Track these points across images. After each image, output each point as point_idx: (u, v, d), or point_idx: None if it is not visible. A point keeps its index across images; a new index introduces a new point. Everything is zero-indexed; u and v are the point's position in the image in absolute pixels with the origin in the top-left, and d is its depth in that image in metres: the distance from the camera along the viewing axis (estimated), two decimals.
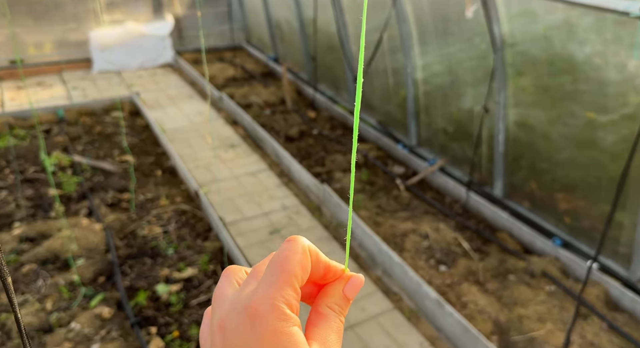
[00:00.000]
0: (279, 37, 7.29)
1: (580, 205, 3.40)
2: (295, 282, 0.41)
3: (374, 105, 5.72)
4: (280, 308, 0.39)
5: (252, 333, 0.39)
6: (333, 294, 0.45)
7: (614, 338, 2.66)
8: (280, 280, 0.40)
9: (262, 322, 0.39)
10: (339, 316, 0.44)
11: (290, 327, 0.39)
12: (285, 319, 0.39)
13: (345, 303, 0.45)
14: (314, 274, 0.44)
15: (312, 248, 0.44)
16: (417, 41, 4.47)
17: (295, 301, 0.41)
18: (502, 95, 3.65)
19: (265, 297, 0.40)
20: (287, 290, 0.40)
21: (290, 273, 0.41)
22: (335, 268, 0.46)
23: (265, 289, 0.40)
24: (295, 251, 0.42)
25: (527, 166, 3.80)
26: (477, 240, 3.75)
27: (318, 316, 0.44)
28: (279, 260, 0.42)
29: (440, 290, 3.10)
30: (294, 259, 0.42)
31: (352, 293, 0.46)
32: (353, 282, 0.46)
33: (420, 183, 4.61)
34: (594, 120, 3.02)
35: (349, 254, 0.49)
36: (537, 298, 2.94)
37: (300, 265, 0.42)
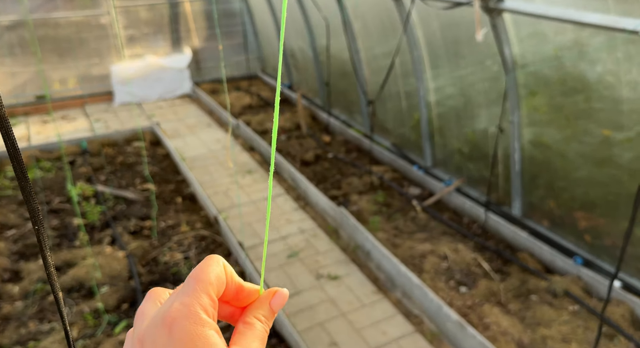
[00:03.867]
0: (293, 65, 7.49)
1: (600, 223, 3.37)
2: (211, 290, 0.43)
3: (388, 128, 5.78)
4: (196, 313, 0.41)
5: (169, 340, 0.40)
6: (260, 307, 0.48)
7: None
8: (196, 288, 0.42)
9: (178, 328, 0.40)
10: (265, 326, 0.47)
11: (207, 330, 0.41)
12: (202, 323, 0.41)
13: (271, 315, 0.49)
14: (227, 292, 0.47)
15: (228, 265, 0.47)
16: (429, 65, 4.56)
17: (212, 308, 0.43)
18: (516, 115, 3.68)
19: (182, 305, 0.41)
20: (202, 296, 0.42)
21: (205, 282, 0.43)
22: (250, 289, 0.49)
23: (181, 298, 0.42)
24: (210, 263, 0.45)
25: (544, 185, 3.79)
26: (497, 260, 3.72)
27: (245, 325, 0.46)
28: (195, 271, 0.44)
29: (461, 312, 3.07)
30: (209, 269, 0.44)
31: (278, 306, 0.49)
32: (279, 296, 0.50)
33: (437, 204, 4.61)
34: (610, 138, 3.02)
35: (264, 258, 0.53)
36: (560, 318, 2.89)
37: (215, 274, 0.44)
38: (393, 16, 4.56)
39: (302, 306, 3.18)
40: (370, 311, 3.16)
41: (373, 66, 5.48)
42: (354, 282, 3.46)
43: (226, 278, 0.46)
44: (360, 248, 3.84)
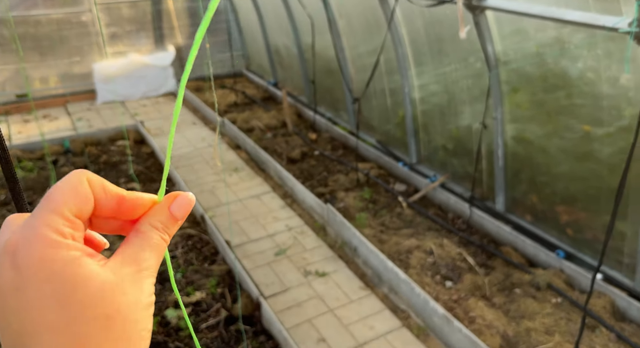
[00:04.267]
0: (278, 63, 7.47)
1: (582, 217, 3.44)
2: (65, 209, 0.35)
3: (373, 125, 5.81)
4: (45, 236, 0.33)
5: (14, 272, 0.32)
6: (157, 213, 0.40)
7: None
8: (44, 209, 0.35)
9: (22, 254, 0.33)
10: (162, 234, 0.39)
11: (65, 252, 0.33)
12: (54, 245, 0.33)
13: (171, 223, 0.40)
14: (104, 206, 0.39)
15: (96, 177, 0.39)
16: (413, 62, 4.59)
17: (69, 228, 0.35)
18: (499, 111, 3.74)
19: (26, 230, 0.34)
20: (52, 217, 0.34)
21: (57, 201, 0.35)
22: (137, 198, 0.41)
23: (26, 222, 0.35)
24: (66, 180, 0.37)
25: (527, 180, 3.85)
26: (482, 255, 3.77)
27: (134, 234, 0.39)
28: (47, 192, 0.36)
29: (447, 306, 3.11)
30: (62, 187, 0.36)
31: (180, 211, 0.41)
32: (181, 199, 0.41)
33: (423, 200, 4.65)
34: (591, 133, 3.09)
35: (165, 182, 0.43)
36: (544, 311, 2.95)
37: (71, 192, 0.36)
38: (377, 14, 4.58)
39: (291, 303, 3.19)
40: (358, 307, 3.18)
41: (358, 64, 5.50)
42: (342, 278, 3.48)
43: (94, 191, 0.38)
44: (347, 245, 3.86)
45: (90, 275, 0.33)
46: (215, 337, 2.82)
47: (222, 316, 2.94)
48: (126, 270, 0.35)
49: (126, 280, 0.35)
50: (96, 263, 0.34)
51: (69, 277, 0.32)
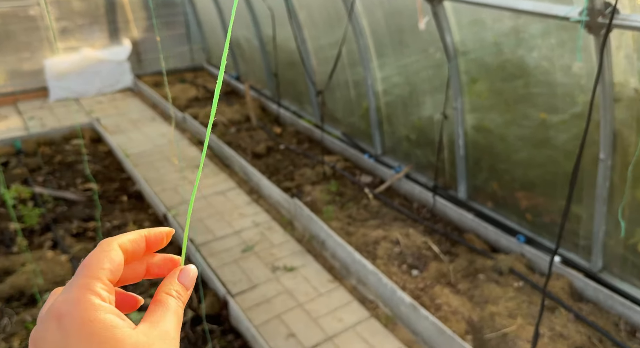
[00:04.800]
0: (240, 56, 7.33)
1: (540, 202, 3.55)
2: (102, 274, 0.40)
3: (338, 118, 5.81)
4: (87, 299, 0.38)
5: (60, 334, 0.36)
6: (170, 282, 0.47)
7: (581, 328, 2.77)
8: (83, 275, 0.40)
9: (68, 318, 0.36)
10: (177, 301, 0.45)
11: (102, 314, 0.37)
12: (95, 308, 0.37)
13: (183, 291, 0.47)
14: (133, 257, 0.46)
15: (123, 240, 0.45)
16: (375, 54, 4.60)
17: (106, 292, 0.40)
18: (459, 101, 3.79)
19: (69, 295, 0.38)
20: (92, 282, 0.39)
21: (94, 268, 0.40)
22: (171, 258, 0.49)
23: (68, 288, 0.39)
24: (99, 250, 0.42)
25: (487, 168, 3.94)
26: (446, 242, 3.84)
27: (155, 303, 0.44)
28: (84, 261, 0.41)
29: (414, 295, 3.15)
30: (97, 255, 0.41)
31: (187, 281, 0.48)
32: (186, 271, 0.48)
33: (388, 190, 4.69)
34: (547, 121, 3.18)
35: (185, 248, 0.53)
36: (506, 295, 3.04)
37: (106, 259, 0.42)
38: (338, 5, 4.56)
39: (259, 300, 3.16)
40: (326, 300, 3.18)
41: (320, 56, 5.46)
42: (310, 272, 3.47)
43: (125, 254, 0.44)
44: (315, 239, 3.85)
45: (126, 336, 0.38)
46: (182, 338, 2.76)
47: (189, 316, 2.88)
48: (154, 332, 0.40)
49: (155, 340, 0.40)
50: (128, 326, 0.39)
51: (109, 337, 0.37)
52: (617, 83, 2.55)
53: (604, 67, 2.51)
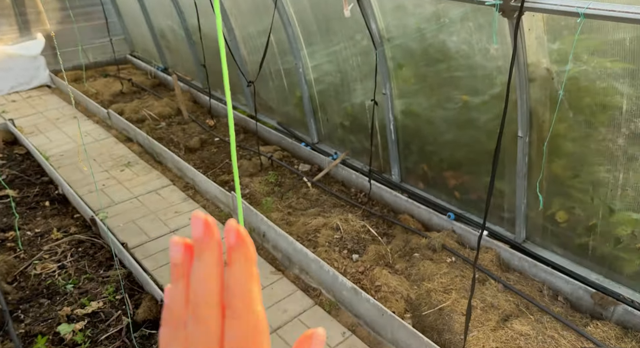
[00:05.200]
0: (166, 47, 7.02)
1: (467, 180, 3.73)
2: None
3: (272, 107, 5.74)
4: None
5: None
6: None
7: (509, 297, 2.96)
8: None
9: None
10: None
11: None
12: None
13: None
14: None
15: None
16: (305, 42, 4.57)
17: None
18: (388, 87, 3.87)
19: None
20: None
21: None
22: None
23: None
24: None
25: (417, 150, 4.08)
26: (383, 224, 3.95)
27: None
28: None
29: (355, 279, 3.22)
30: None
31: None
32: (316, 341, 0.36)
33: (327, 178, 4.73)
34: (469, 103, 3.33)
35: None
36: (440, 271, 3.18)
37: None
38: None
39: None
40: (270, 292, 3.17)
41: (250, 45, 5.35)
42: None
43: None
44: (255, 231, 3.81)
45: None
46: (118, 347, 2.64)
47: (124, 324, 2.75)
48: None
49: None
50: None
51: None
52: (531, 63, 2.71)
53: (518, 48, 2.65)
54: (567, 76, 2.55)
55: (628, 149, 2.48)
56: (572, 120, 2.68)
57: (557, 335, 2.57)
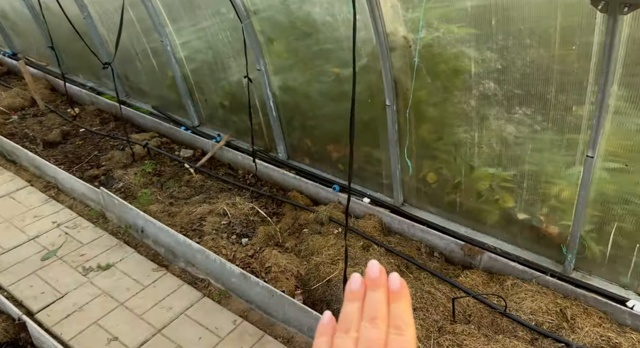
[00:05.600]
0: (11, 29, 6.10)
1: (347, 152, 3.79)
2: None
3: (145, 91, 5.31)
4: None
5: None
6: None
7: (391, 259, 3.10)
8: None
9: None
10: None
11: None
12: None
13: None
14: None
15: None
16: (169, 18, 4.23)
17: None
18: (262, 63, 3.75)
19: None
20: None
21: None
22: None
23: None
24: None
25: (299, 126, 4.04)
26: (273, 204, 3.90)
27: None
28: None
29: (244, 263, 3.13)
30: None
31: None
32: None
33: (212, 161, 4.53)
34: (340, 75, 3.34)
35: None
36: (328, 243, 3.22)
37: None
38: None
39: (70, 310, 2.77)
40: (152, 291, 2.96)
41: (109, 23, 4.84)
42: (131, 265, 3.17)
43: None
44: (132, 228, 3.52)
45: None
46: None
47: None
48: None
49: None
50: None
51: None
52: (390, 33, 2.76)
53: (376, 17, 2.68)
54: (421, 44, 2.64)
55: (480, 110, 2.66)
56: (430, 86, 2.81)
57: (433, 290, 2.75)
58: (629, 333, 2.40)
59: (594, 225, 2.59)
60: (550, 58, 2.14)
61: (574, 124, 2.28)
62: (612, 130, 2.21)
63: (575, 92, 2.16)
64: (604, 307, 2.54)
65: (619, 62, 1.91)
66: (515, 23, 2.16)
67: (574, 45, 2.01)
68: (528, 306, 2.58)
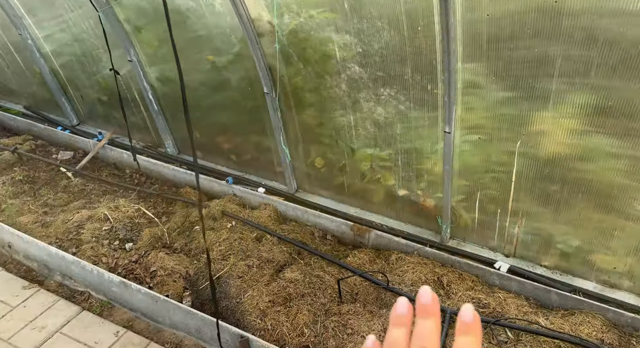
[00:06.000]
0: None
1: (238, 142, 3.70)
2: None
3: (13, 89, 4.79)
4: None
5: None
6: None
7: (284, 247, 3.07)
8: None
9: None
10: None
11: None
12: None
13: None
14: None
15: None
16: (25, 10, 3.81)
17: None
18: (132, 53, 3.50)
19: None
20: None
21: None
22: None
23: None
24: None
25: (184, 119, 3.85)
26: (162, 203, 3.71)
27: None
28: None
29: (128, 270, 2.95)
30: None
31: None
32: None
33: (95, 162, 4.20)
34: (216, 63, 3.20)
35: None
36: (220, 239, 3.12)
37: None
38: None
39: None
40: (22, 311, 2.69)
41: None
42: None
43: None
44: None
45: None
46: None
47: None
48: None
49: None
50: None
51: None
52: (255, 18, 2.68)
53: (236, 2, 2.58)
54: (287, 29, 2.59)
55: (350, 93, 2.69)
56: (304, 72, 2.78)
57: (322, 273, 2.78)
58: (497, 293, 2.59)
59: (463, 195, 2.75)
60: (401, 40, 2.18)
61: (431, 102, 2.37)
62: (466, 105, 2.32)
63: (427, 71, 2.23)
64: (475, 270, 2.72)
65: (458, 41, 1.99)
66: (366, 7, 2.17)
67: (420, 26, 2.06)
68: (409, 278, 2.70)
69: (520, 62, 2.02)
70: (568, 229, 2.48)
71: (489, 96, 2.24)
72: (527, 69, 2.03)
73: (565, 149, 2.23)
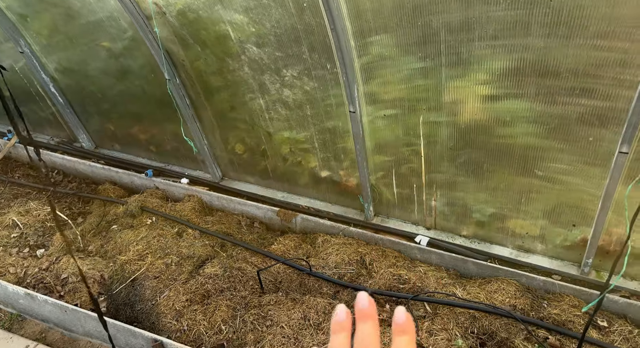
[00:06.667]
0: None
1: (154, 132, 3.49)
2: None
3: None
4: None
5: None
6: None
7: (206, 240, 2.95)
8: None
9: None
10: None
11: None
12: None
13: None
14: None
15: None
16: None
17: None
18: (23, 43, 3.19)
19: None
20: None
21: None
22: None
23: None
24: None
25: (95, 111, 3.60)
26: (79, 202, 3.49)
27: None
28: None
29: (37, 279, 2.76)
30: None
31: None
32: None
33: (7, 163, 3.91)
34: (112, 50, 2.96)
35: None
36: (138, 237, 2.97)
37: None
38: None
39: None
40: None
41: None
42: None
43: None
44: None
45: None
46: None
47: None
48: None
49: None
50: None
51: None
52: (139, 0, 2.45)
53: None
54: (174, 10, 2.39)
55: (255, 75, 2.54)
56: (204, 55, 2.60)
57: (244, 265, 2.69)
58: (418, 267, 2.58)
59: (383, 172, 2.69)
60: (290, 18, 2.04)
61: (334, 81, 2.26)
62: (380, 79, 2.21)
63: (323, 50, 2.11)
64: (398, 246, 2.70)
65: (345, 17, 1.87)
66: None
67: (305, 2, 1.92)
68: (333, 260, 2.65)
69: (431, 28, 1.92)
70: (483, 197, 2.47)
71: (402, 68, 2.13)
72: (440, 35, 1.92)
73: (478, 116, 2.17)
